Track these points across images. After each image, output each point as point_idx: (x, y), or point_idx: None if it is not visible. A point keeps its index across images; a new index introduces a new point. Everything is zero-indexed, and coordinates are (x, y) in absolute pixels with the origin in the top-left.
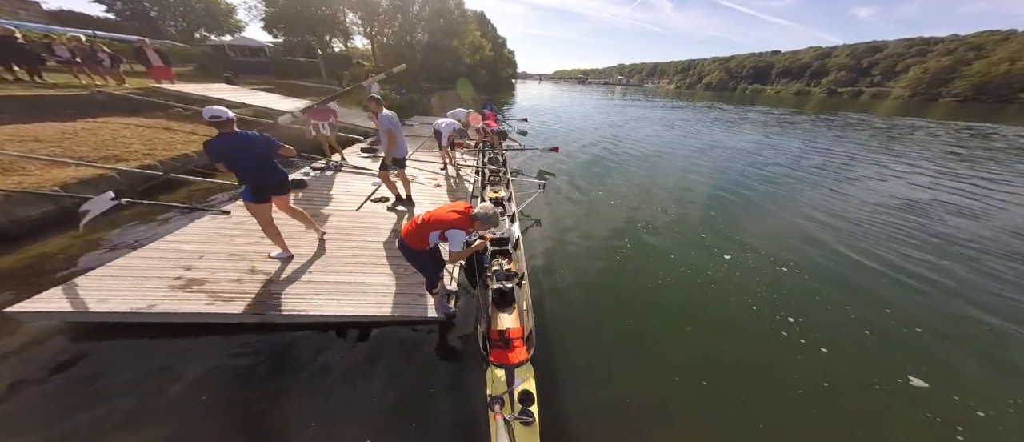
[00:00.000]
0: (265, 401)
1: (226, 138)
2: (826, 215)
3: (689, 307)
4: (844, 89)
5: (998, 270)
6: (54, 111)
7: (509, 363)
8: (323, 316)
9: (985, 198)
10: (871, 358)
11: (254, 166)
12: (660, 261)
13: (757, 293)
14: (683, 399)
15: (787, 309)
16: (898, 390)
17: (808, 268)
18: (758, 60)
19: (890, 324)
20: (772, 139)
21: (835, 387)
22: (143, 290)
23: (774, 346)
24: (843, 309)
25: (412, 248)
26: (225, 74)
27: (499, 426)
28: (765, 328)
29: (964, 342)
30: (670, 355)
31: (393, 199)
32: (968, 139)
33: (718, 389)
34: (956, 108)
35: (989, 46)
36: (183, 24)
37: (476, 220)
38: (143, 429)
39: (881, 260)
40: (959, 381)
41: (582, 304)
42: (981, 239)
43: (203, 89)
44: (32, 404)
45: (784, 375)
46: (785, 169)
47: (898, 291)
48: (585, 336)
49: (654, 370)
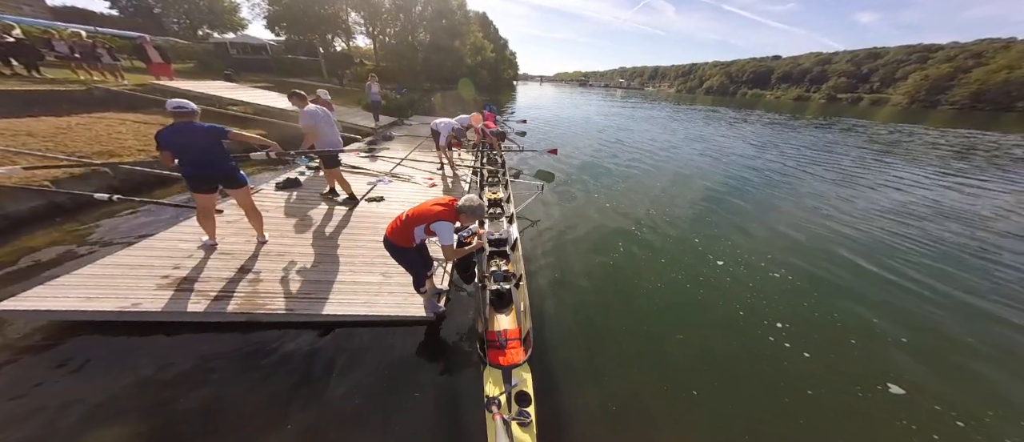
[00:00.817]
0: (254, 402)
1: (178, 128)
2: (819, 222)
3: (683, 310)
4: (844, 95)
5: (984, 280)
6: (50, 106)
7: (506, 364)
8: (314, 315)
9: (976, 207)
10: (853, 365)
11: (198, 158)
12: (656, 265)
13: (747, 298)
14: (677, 401)
15: (775, 315)
16: (878, 397)
17: (798, 274)
18: (759, 65)
19: (875, 332)
20: (769, 145)
21: (818, 391)
22: (131, 289)
23: (763, 351)
24: (830, 315)
25: (397, 246)
26: (225, 71)
27: (496, 426)
28: (754, 333)
29: (948, 352)
30: (665, 357)
31: (328, 189)
32: (963, 147)
33: (710, 392)
34: (954, 116)
35: (989, 53)
36: (186, 21)
37: (461, 212)
38: (127, 430)
39: (870, 268)
40: (939, 390)
41: (579, 306)
42: (970, 248)
43: (202, 86)
44: (14, 404)
45: (772, 379)
46: (780, 176)
47: (886, 299)
48: (582, 337)
49: (650, 372)
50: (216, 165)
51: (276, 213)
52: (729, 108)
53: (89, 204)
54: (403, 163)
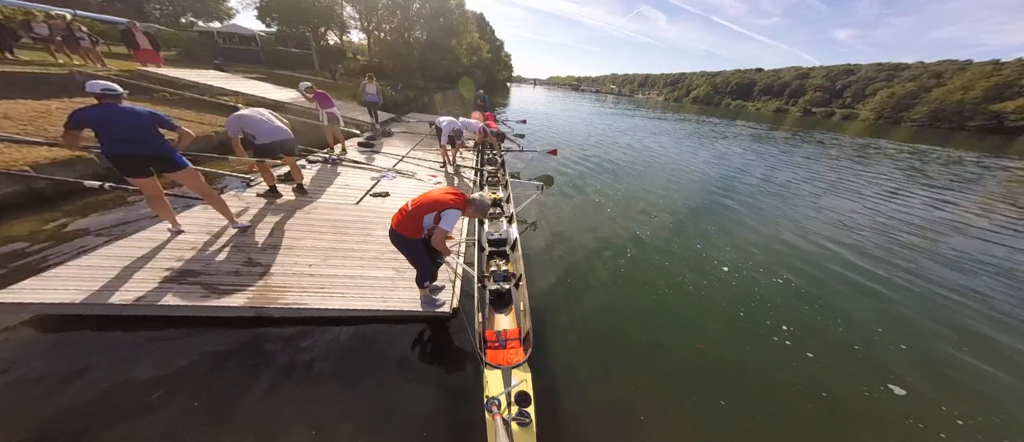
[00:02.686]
0: (254, 397)
1: (100, 108)
2: (815, 229)
3: (684, 310)
4: (818, 109)
5: (989, 286)
6: (27, 89)
7: (506, 364)
8: (320, 310)
9: (975, 218)
10: (857, 367)
11: (120, 138)
12: (656, 265)
13: (747, 299)
14: (677, 401)
15: (777, 316)
16: (882, 398)
17: (799, 277)
18: (742, 77)
19: (877, 334)
20: (760, 153)
21: (822, 393)
22: (131, 281)
23: (766, 352)
24: (831, 317)
25: (405, 237)
26: (215, 61)
27: (496, 427)
28: (756, 333)
29: (951, 355)
30: (665, 357)
31: (267, 188)
32: (945, 161)
33: (712, 392)
34: (915, 132)
35: (948, 74)
36: (169, 8)
37: (471, 204)
38: (129, 429)
39: (871, 270)
40: (941, 392)
41: (579, 306)
42: (976, 255)
43: (193, 75)
44: (4, 401)
45: (774, 381)
46: (774, 183)
47: (887, 301)
48: (582, 337)
49: (651, 371)
50: (146, 143)
51: (282, 207)
52: (715, 117)
53: (74, 192)
54: (405, 159)
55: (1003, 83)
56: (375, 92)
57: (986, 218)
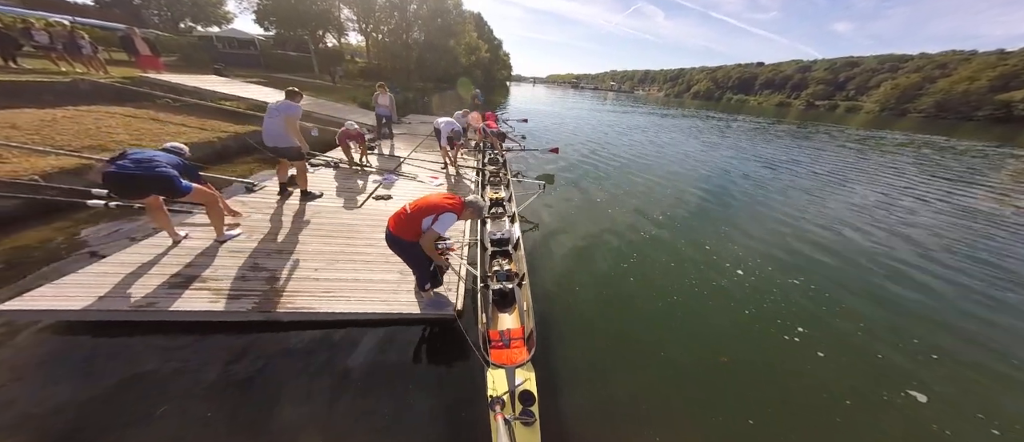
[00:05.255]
0: (264, 401)
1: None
2: (816, 228)
3: (688, 310)
4: (822, 102)
5: (1015, 291)
6: (32, 98)
7: (510, 363)
8: (328, 314)
9: (1003, 217)
10: (878, 371)
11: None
12: (659, 264)
13: (753, 298)
14: (682, 400)
15: (785, 316)
16: (902, 403)
17: (809, 276)
18: (743, 71)
19: (894, 338)
20: (763, 150)
21: (834, 395)
22: (142, 287)
23: (778, 353)
24: (836, 318)
25: (403, 240)
26: (215, 66)
27: (500, 426)
28: (767, 334)
29: (977, 360)
30: (670, 356)
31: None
32: (964, 155)
33: (716, 392)
34: (921, 123)
35: (953, 65)
36: (167, 13)
37: (467, 207)
38: (140, 433)
39: (890, 268)
40: (962, 396)
41: (582, 305)
42: (1002, 258)
43: (193, 80)
44: (21, 407)
45: (784, 382)
46: (780, 179)
47: (906, 302)
48: (585, 336)
49: (655, 371)
50: (151, 164)
51: (286, 212)
52: (716, 112)
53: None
54: (406, 161)
55: (1009, 73)
56: (388, 104)
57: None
